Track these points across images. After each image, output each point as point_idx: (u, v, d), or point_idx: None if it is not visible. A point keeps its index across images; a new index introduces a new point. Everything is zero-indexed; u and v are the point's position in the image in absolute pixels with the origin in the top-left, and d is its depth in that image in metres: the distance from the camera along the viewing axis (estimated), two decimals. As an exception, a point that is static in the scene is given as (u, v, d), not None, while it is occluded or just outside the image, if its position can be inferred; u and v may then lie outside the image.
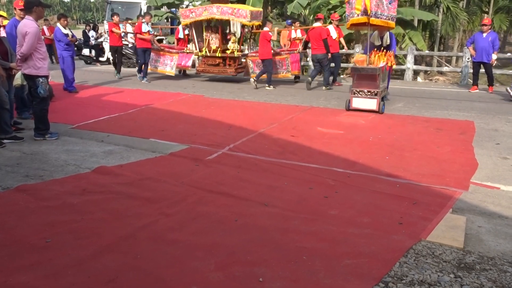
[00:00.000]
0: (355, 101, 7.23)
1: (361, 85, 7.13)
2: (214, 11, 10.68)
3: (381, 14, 6.79)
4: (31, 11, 5.24)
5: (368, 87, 7.07)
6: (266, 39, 9.97)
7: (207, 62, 11.64)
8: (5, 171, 4.35)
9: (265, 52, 10.02)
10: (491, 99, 8.81)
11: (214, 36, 11.48)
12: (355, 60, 7.40)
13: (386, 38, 7.86)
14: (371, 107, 7.07)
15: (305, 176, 4.27)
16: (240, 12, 10.41)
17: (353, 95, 7.24)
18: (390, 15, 6.91)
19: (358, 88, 7.16)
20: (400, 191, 3.88)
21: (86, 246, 2.80)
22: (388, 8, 6.82)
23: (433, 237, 2.97)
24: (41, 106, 5.51)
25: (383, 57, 7.35)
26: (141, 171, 4.36)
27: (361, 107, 7.18)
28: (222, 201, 3.61)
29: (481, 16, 19.54)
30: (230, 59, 11.41)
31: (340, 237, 2.98)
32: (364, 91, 7.11)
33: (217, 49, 11.37)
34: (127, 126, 6.39)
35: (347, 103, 7.41)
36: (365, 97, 7.11)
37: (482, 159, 4.76)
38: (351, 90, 7.27)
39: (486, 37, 9.38)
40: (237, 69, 11.41)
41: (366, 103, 7.12)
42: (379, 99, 7.03)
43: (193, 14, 11.02)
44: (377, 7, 6.71)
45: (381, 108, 7.08)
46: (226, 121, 6.68)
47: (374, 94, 7.04)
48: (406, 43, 13.90)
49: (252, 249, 2.79)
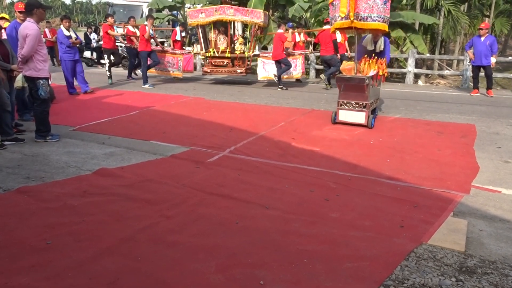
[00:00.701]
0: (342, 113, 6.49)
1: (348, 96, 6.38)
2: (226, 12, 10.62)
3: (378, 16, 6.02)
4: (32, 13, 5.25)
5: (356, 98, 6.31)
6: (281, 41, 10.11)
7: (214, 63, 11.59)
8: (6, 172, 4.35)
9: (278, 53, 10.25)
10: (492, 103, 8.81)
11: (222, 37, 11.48)
12: (342, 68, 6.71)
13: (380, 43, 7.09)
14: (359, 120, 6.33)
15: (306, 179, 4.26)
16: (254, 13, 10.48)
17: (339, 107, 6.49)
18: (385, 17, 6.16)
19: (345, 100, 6.42)
20: (401, 194, 3.87)
21: (87, 248, 2.80)
22: (384, 9, 6.06)
23: (435, 240, 2.96)
24: (42, 108, 5.52)
25: (373, 65, 6.56)
26: (142, 173, 4.36)
27: (348, 120, 6.44)
28: (223, 203, 3.60)
29: (482, 19, 19.55)
30: (239, 59, 11.42)
31: (341, 240, 2.97)
32: (351, 103, 6.36)
33: (225, 49, 11.38)
34: (128, 128, 6.39)
35: (333, 115, 6.65)
36: (353, 110, 6.36)
37: (484, 162, 4.75)
38: (337, 101, 6.53)
39: (484, 41, 9.40)
40: (246, 70, 11.47)
41: (353, 116, 6.38)
42: (368, 112, 6.28)
43: (203, 15, 10.91)
44: (371, 9, 5.96)
45: (370, 122, 6.31)
46: (227, 123, 6.69)
47: (362, 107, 6.28)
48: (407, 46, 13.91)
49: (253, 252, 2.79)
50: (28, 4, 5.31)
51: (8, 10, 57.65)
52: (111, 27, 11.85)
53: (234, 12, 10.58)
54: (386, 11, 6.05)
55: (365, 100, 6.25)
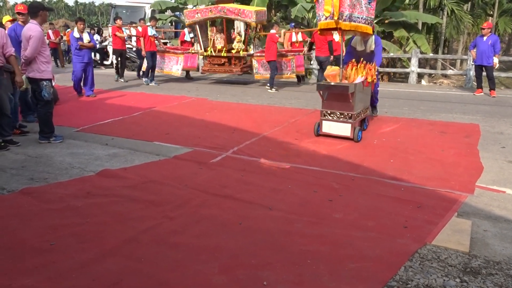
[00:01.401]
0: (325, 124, 5.76)
1: (332, 105, 5.67)
2: (219, 11, 10.80)
3: (358, 16, 5.48)
4: (37, 15, 5.30)
5: (341, 108, 5.59)
6: (273, 41, 10.08)
7: (212, 62, 11.71)
8: (10, 173, 4.36)
9: (271, 54, 10.16)
10: (496, 102, 8.77)
11: (219, 36, 11.58)
12: (326, 74, 6.00)
13: (370, 42, 6.39)
14: (344, 133, 5.61)
15: (309, 179, 4.25)
16: (245, 13, 10.51)
17: (322, 117, 5.78)
18: (368, 18, 5.62)
19: (329, 110, 5.71)
20: (405, 194, 3.85)
21: (90, 249, 2.80)
22: (367, 9, 5.51)
23: (439, 241, 2.95)
24: (45, 109, 5.54)
25: (361, 71, 5.90)
26: (145, 174, 4.36)
27: (332, 132, 5.72)
28: (226, 204, 3.60)
29: (485, 19, 19.46)
30: (236, 58, 11.49)
31: (344, 240, 2.96)
32: (335, 113, 5.65)
33: (222, 48, 11.44)
34: (131, 129, 6.40)
35: (316, 126, 5.91)
36: (337, 121, 5.64)
37: (488, 162, 4.73)
38: (320, 111, 5.83)
39: (486, 40, 9.37)
40: (242, 68, 11.50)
41: (338, 128, 5.64)
42: (354, 123, 5.56)
43: (199, 15, 11.16)
44: (353, 8, 5.36)
45: (357, 135, 5.55)
46: (230, 124, 6.69)
47: (348, 118, 5.56)
48: (410, 46, 13.87)
49: (256, 252, 2.78)
50: (34, 7, 5.36)
51: (12, 12, 57.90)
52: (119, 29, 12.15)
53: (227, 11, 10.72)
54: (370, 12, 5.60)
55: (350, 110, 5.53)
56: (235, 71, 11.54)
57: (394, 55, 13.57)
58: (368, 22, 5.59)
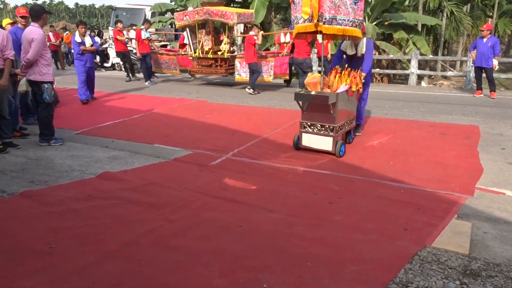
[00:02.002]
0: (305, 137, 5.25)
1: (312, 117, 5.17)
2: (204, 13, 11.08)
3: (344, 18, 4.88)
4: (39, 18, 5.34)
5: (321, 120, 5.10)
6: (250, 43, 10.17)
7: (201, 63, 12.03)
8: (10, 176, 4.37)
9: (249, 56, 10.23)
10: (496, 104, 8.78)
11: (207, 38, 11.82)
12: (306, 81, 5.38)
13: (362, 46, 5.76)
14: (325, 147, 5.10)
15: (309, 181, 4.26)
16: (227, 15, 10.75)
17: (302, 129, 5.26)
18: (356, 20, 5.02)
19: (309, 121, 5.20)
20: (405, 196, 3.86)
21: (90, 252, 2.81)
22: (354, 10, 4.93)
23: (438, 243, 2.95)
24: (46, 112, 5.55)
25: (345, 78, 5.29)
26: (145, 177, 4.37)
27: (312, 146, 5.22)
28: (226, 207, 3.60)
29: (485, 20, 19.50)
30: (222, 60, 11.74)
31: (344, 243, 2.96)
32: (316, 125, 5.15)
33: (209, 50, 11.71)
34: (131, 132, 6.41)
35: (295, 139, 5.40)
36: (317, 134, 5.14)
37: (487, 164, 4.73)
38: (300, 122, 5.30)
39: (486, 42, 9.37)
40: (227, 70, 11.74)
41: (318, 141, 5.15)
42: (336, 137, 5.03)
43: (187, 18, 11.44)
44: (336, 10, 4.78)
45: (339, 150, 5.02)
46: (230, 126, 6.69)
47: (329, 130, 5.05)
48: (410, 47, 13.88)
49: (256, 255, 2.78)
50: (36, 10, 5.41)
51: (12, 14, 57.98)
52: (120, 33, 12.46)
53: (211, 14, 10.98)
54: (357, 13, 5.02)
55: (331, 122, 5.02)
56: (220, 73, 11.84)
57: (394, 57, 13.58)
58: (355, 25, 5.03)
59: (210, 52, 11.61)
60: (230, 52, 11.75)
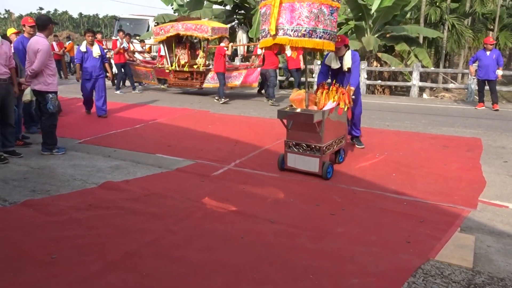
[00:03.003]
0: (290, 158, 4.89)
1: (297, 136, 4.81)
2: (179, 28, 11.48)
3: (326, 31, 4.40)
4: (46, 28, 5.39)
5: (307, 139, 4.75)
6: (220, 54, 10.65)
7: (178, 76, 12.47)
8: (12, 185, 4.37)
9: (218, 66, 10.70)
10: (498, 116, 8.78)
11: (184, 52, 12.31)
12: (291, 98, 5.08)
13: (347, 59, 5.47)
14: (311, 168, 4.73)
15: (312, 193, 4.25)
16: (202, 28, 11.19)
17: (287, 149, 4.90)
18: (332, 33, 4.53)
19: (294, 140, 4.83)
20: (407, 208, 3.84)
21: (91, 262, 2.79)
22: (331, 22, 4.45)
23: (442, 256, 2.93)
24: (50, 122, 5.56)
25: (333, 95, 4.99)
26: (147, 187, 4.36)
27: (297, 167, 4.85)
28: (228, 218, 3.59)
29: (486, 33, 19.62)
30: (197, 73, 12.16)
31: (347, 255, 2.94)
32: (302, 145, 4.78)
33: (185, 64, 12.16)
34: (133, 141, 6.42)
35: (279, 159, 5.02)
36: (303, 154, 4.78)
37: (490, 177, 4.72)
38: (285, 142, 4.93)
39: (490, 54, 9.42)
40: (202, 83, 12.15)
41: (304, 162, 4.78)
42: (323, 157, 4.67)
43: (163, 32, 11.89)
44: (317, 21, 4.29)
45: (326, 172, 4.64)
46: (232, 136, 6.70)
47: (315, 151, 4.69)
48: (412, 60, 13.95)
49: (258, 267, 2.77)
50: (43, 20, 5.46)
51: (17, 24, 58.48)
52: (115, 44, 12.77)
53: (186, 27, 11.40)
54: (334, 24, 4.51)
55: (318, 142, 4.67)
56: (196, 85, 12.23)
57: (395, 69, 13.64)
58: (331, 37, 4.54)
59: (186, 65, 12.09)
60: (205, 65, 12.22)
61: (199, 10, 17.49)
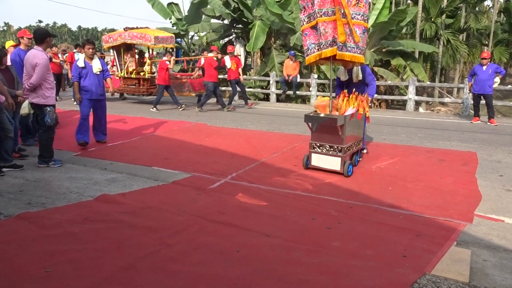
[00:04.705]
0: (314, 157, 5.53)
1: (321, 138, 5.44)
2: (126, 36, 12.30)
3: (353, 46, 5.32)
4: (43, 41, 5.39)
5: (330, 141, 5.36)
6: (162, 67, 11.29)
7: (126, 83, 13.23)
8: (8, 198, 4.35)
9: (160, 78, 11.40)
10: (493, 130, 8.85)
11: (132, 60, 13.05)
12: (315, 104, 5.77)
13: (357, 72, 6.13)
14: (333, 167, 5.36)
15: (308, 206, 4.25)
16: (146, 37, 11.93)
17: (311, 149, 5.54)
18: (363, 48, 5.45)
19: (318, 142, 5.47)
20: (404, 222, 3.84)
21: (86, 276, 2.77)
22: (362, 40, 5.37)
23: (438, 270, 2.93)
24: (47, 135, 5.56)
25: (353, 102, 5.64)
26: (143, 200, 4.35)
27: (321, 166, 5.48)
28: (224, 231, 3.58)
29: (481, 48, 19.88)
30: (143, 80, 12.91)
31: (343, 269, 2.94)
32: (325, 146, 5.41)
33: (133, 71, 12.88)
34: (130, 154, 6.42)
35: (304, 159, 5.67)
36: (326, 154, 5.40)
37: (486, 191, 4.73)
38: (309, 143, 5.59)
39: (486, 69, 9.53)
40: (148, 89, 12.89)
41: (327, 161, 5.41)
42: (344, 157, 5.28)
43: (111, 40, 12.70)
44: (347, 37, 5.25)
45: (347, 170, 5.26)
46: (229, 149, 6.71)
47: (337, 151, 5.32)
48: (408, 74, 14.10)
49: (254, 282, 2.75)
50: (41, 33, 5.45)
51: (15, 36, 58.68)
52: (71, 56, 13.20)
53: (132, 37, 12.15)
54: (364, 41, 5.43)
55: (340, 143, 5.29)
56: (142, 91, 12.97)
57: (391, 83, 13.76)
58: (362, 52, 5.44)
59: (134, 72, 12.85)
60: (151, 73, 12.96)
61: (197, 24, 17.65)
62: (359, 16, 5.25)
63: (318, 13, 5.17)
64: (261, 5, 15.77)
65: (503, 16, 24.97)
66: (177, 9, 20.67)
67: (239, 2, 16.32)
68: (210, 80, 11.12)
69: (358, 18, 5.25)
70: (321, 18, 5.18)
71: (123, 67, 13.08)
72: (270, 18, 15.56)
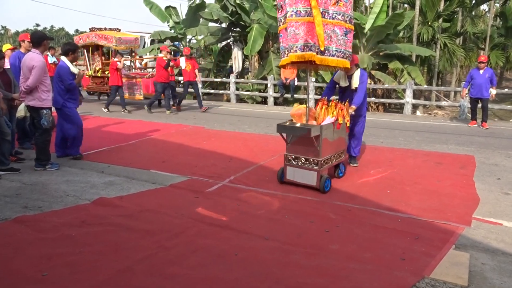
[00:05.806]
0: (289, 171, 5.01)
1: (296, 150, 4.93)
2: (93, 37, 12.85)
3: (337, 50, 4.75)
4: (40, 44, 5.38)
5: (305, 153, 4.86)
6: (113, 68, 11.50)
7: (94, 81, 13.67)
8: (4, 201, 4.32)
9: (112, 79, 11.62)
10: (490, 134, 8.87)
11: (98, 59, 13.63)
12: (291, 113, 5.21)
13: (356, 78, 5.57)
14: (309, 182, 4.83)
15: (306, 209, 4.24)
16: (108, 38, 12.40)
17: (287, 162, 5.03)
18: (346, 52, 4.85)
19: (293, 154, 4.96)
20: (402, 225, 3.84)
21: (83, 280, 2.75)
22: (345, 42, 4.80)
23: (437, 274, 2.92)
24: (43, 138, 5.54)
25: (332, 110, 5.05)
26: (141, 203, 4.33)
27: (296, 180, 4.95)
28: (222, 234, 3.57)
29: (477, 52, 19.96)
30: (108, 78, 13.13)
31: (341, 272, 2.93)
32: (300, 159, 4.90)
33: (99, 70, 13.41)
34: (128, 157, 6.40)
35: (279, 172, 5.15)
36: (302, 167, 4.89)
37: (484, 194, 4.74)
38: (284, 155, 5.07)
39: (483, 73, 9.56)
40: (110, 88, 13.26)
41: (302, 175, 4.88)
42: (321, 171, 4.75)
43: (81, 40, 13.28)
44: (330, 41, 4.68)
45: (323, 185, 4.73)
46: (226, 152, 6.70)
47: (313, 164, 4.80)
48: (405, 77, 14.11)
49: (252, 285, 2.74)
50: (38, 36, 5.45)
51: (13, 40, 58.67)
52: None
53: (97, 38, 12.66)
54: (348, 45, 4.85)
55: (316, 156, 4.77)
56: (106, 90, 13.23)
57: (389, 86, 13.78)
58: (346, 56, 4.87)
59: (99, 71, 13.33)
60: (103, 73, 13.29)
61: (195, 28, 17.67)
62: (339, 15, 4.69)
63: (289, 12, 4.61)
64: (258, 8, 15.81)
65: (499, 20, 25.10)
66: (174, 12, 20.68)
67: (237, 6, 16.36)
68: (159, 80, 11.31)
69: (338, 18, 4.69)
70: (292, 18, 4.60)
71: (92, 67, 13.69)
72: (267, 22, 15.59)
